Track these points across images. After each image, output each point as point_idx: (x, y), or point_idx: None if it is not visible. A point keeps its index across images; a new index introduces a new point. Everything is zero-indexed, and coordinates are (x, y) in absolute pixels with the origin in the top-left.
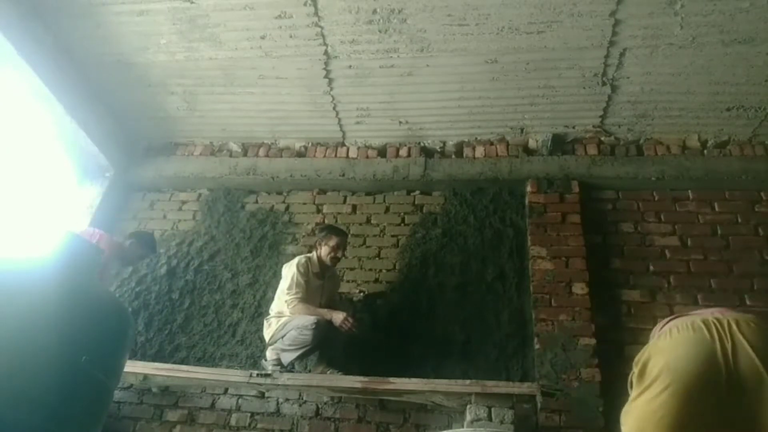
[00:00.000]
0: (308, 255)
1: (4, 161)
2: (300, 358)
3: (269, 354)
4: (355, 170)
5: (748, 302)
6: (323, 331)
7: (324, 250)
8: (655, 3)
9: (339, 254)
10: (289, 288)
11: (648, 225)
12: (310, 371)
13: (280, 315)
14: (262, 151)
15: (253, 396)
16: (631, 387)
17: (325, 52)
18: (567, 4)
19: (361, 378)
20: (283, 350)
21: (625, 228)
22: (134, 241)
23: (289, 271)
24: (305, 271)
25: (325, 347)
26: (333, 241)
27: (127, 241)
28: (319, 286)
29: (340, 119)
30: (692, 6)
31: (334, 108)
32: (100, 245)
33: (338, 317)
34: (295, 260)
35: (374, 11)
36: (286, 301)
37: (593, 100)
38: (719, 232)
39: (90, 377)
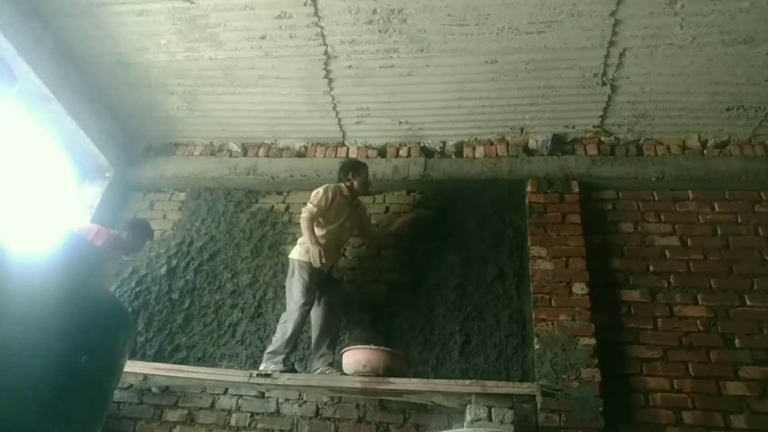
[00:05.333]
0: (337, 184)
1: (4, 162)
2: (305, 310)
3: (264, 358)
4: None
5: (748, 302)
6: (317, 272)
7: (358, 181)
8: (655, 3)
9: (370, 183)
10: (311, 202)
11: (648, 225)
12: (309, 371)
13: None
14: (262, 151)
15: (253, 396)
16: None
17: (325, 52)
18: (567, 4)
19: (361, 378)
20: (288, 319)
21: (625, 228)
22: (131, 232)
23: (317, 191)
24: (332, 195)
25: (325, 291)
26: (366, 172)
27: (125, 232)
28: (347, 206)
29: (340, 119)
30: (692, 6)
31: (334, 108)
32: (98, 241)
33: (314, 249)
34: (325, 185)
35: (374, 11)
36: (302, 210)
37: (593, 100)
38: (719, 232)
39: (90, 377)
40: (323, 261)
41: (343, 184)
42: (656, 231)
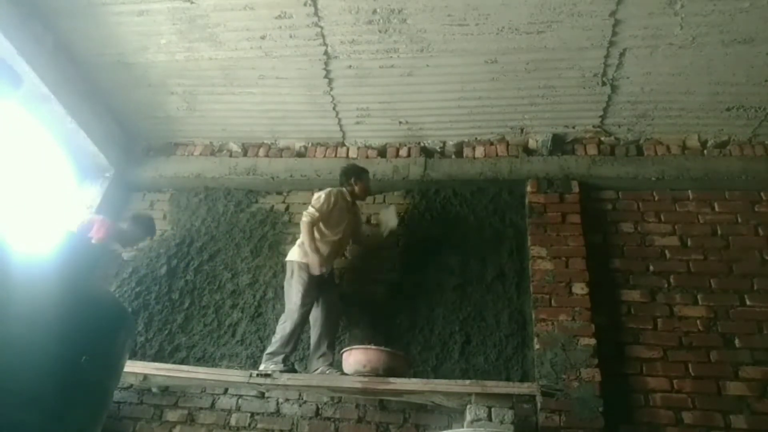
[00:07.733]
0: (339, 188)
1: (4, 161)
2: (305, 311)
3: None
4: None
5: (748, 302)
6: (314, 278)
7: (360, 187)
8: (655, 3)
9: (370, 189)
10: (313, 206)
11: (648, 225)
12: (309, 371)
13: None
14: (262, 151)
15: (253, 396)
16: None
17: (325, 52)
18: (567, 4)
19: (361, 378)
20: (287, 320)
21: (625, 228)
22: (130, 224)
23: (319, 195)
24: (335, 200)
25: (324, 292)
26: (367, 178)
27: (125, 223)
28: (347, 212)
29: (340, 119)
30: (692, 6)
31: (334, 108)
32: (98, 234)
33: (313, 257)
34: (327, 189)
35: (374, 11)
36: (303, 213)
37: (593, 100)
38: (719, 232)
39: (90, 377)
40: (323, 270)
41: (344, 189)
42: (656, 231)
